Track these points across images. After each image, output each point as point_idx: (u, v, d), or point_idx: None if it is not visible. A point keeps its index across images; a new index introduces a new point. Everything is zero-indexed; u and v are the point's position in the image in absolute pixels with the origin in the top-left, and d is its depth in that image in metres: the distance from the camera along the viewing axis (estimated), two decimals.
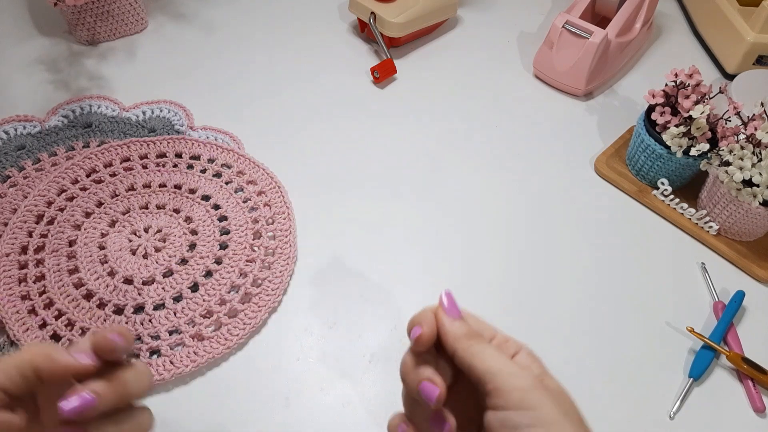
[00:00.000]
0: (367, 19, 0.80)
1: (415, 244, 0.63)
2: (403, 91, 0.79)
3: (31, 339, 0.52)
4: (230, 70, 0.79)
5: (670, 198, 0.66)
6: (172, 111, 0.73)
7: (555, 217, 0.66)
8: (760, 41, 0.77)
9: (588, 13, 0.80)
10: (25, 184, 0.63)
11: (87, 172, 0.65)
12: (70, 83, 0.76)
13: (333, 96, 0.77)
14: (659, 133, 0.64)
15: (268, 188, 0.65)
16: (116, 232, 0.60)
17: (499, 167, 0.71)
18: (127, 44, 0.82)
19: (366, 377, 0.53)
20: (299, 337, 0.56)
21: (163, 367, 0.52)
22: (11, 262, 0.57)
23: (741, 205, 0.59)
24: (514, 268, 0.62)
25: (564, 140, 0.74)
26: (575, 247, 0.64)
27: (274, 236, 0.62)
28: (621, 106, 0.79)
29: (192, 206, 0.63)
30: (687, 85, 0.62)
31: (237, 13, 0.88)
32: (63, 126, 0.70)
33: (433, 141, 0.73)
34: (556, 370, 0.55)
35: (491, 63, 0.84)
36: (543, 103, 0.79)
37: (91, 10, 0.78)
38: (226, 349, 0.53)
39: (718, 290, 0.61)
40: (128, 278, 0.57)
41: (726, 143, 0.60)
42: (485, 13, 0.92)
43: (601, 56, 0.76)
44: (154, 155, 0.67)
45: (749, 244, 0.63)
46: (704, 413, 0.53)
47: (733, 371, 0.55)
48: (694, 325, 0.57)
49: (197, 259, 0.59)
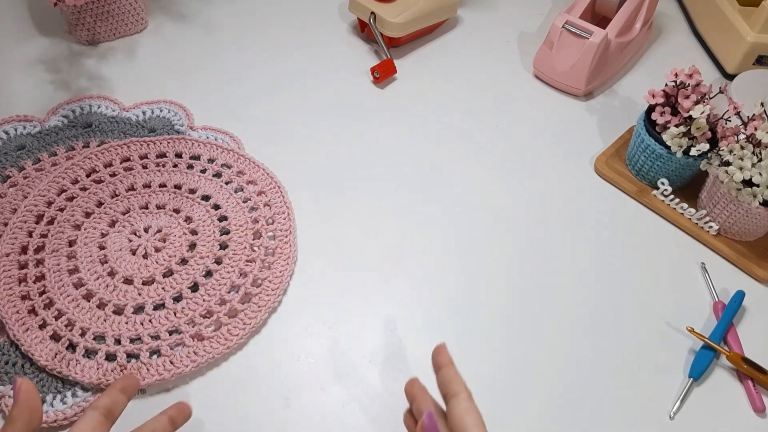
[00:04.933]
0: (367, 19, 0.80)
1: (416, 244, 0.63)
2: (403, 91, 0.79)
3: (32, 339, 0.52)
4: (230, 70, 0.79)
5: (670, 198, 0.66)
6: (172, 111, 0.73)
7: (555, 217, 0.66)
8: (760, 41, 0.77)
9: (588, 13, 0.80)
10: (25, 184, 0.63)
11: (87, 172, 0.65)
12: (70, 83, 0.76)
13: (333, 96, 0.77)
14: (659, 133, 0.64)
15: (268, 188, 0.65)
16: (116, 232, 0.60)
17: (499, 167, 0.71)
18: (127, 44, 0.82)
19: (366, 377, 0.53)
20: (299, 337, 0.56)
21: (163, 367, 0.52)
22: (11, 262, 0.57)
23: (741, 205, 0.59)
24: (514, 268, 0.62)
25: (564, 140, 0.74)
26: (575, 247, 0.64)
27: (274, 236, 0.62)
28: (621, 106, 0.79)
29: (192, 206, 0.63)
30: (687, 85, 0.62)
31: (237, 13, 0.88)
32: (63, 126, 0.70)
33: (433, 141, 0.73)
34: (556, 370, 0.55)
35: (491, 63, 0.84)
36: (543, 103, 0.79)
37: (91, 10, 0.78)
38: (226, 349, 0.53)
39: (718, 290, 0.61)
40: (128, 278, 0.57)
41: (726, 143, 0.60)
42: (485, 13, 0.92)
43: (601, 56, 0.76)
44: (154, 155, 0.67)
45: (749, 244, 0.63)
46: (704, 413, 0.53)
47: (733, 371, 0.55)
48: (694, 325, 0.57)
49: (197, 259, 0.59)
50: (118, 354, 0.52)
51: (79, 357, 0.52)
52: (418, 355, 0.55)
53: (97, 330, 0.53)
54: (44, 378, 0.51)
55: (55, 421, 0.48)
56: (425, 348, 0.55)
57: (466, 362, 0.55)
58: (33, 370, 0.51)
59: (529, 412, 0.52)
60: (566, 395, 0.53)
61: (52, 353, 0.52)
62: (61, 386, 0.51)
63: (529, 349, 0.56)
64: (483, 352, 0.56)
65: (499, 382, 0.54)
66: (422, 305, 0.59)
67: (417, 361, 0.54)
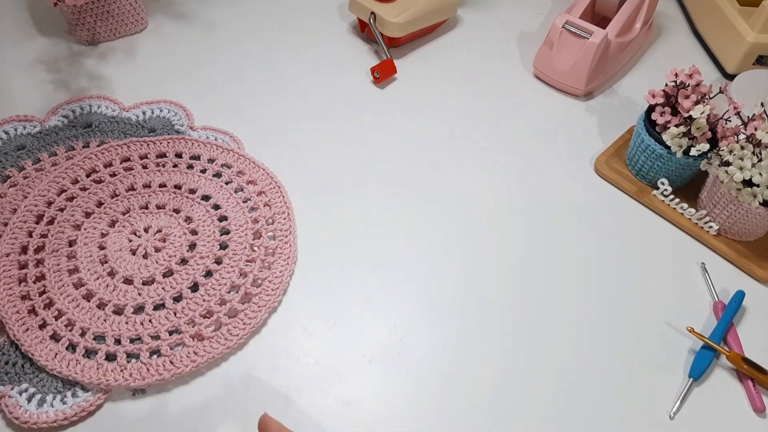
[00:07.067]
0: (367, 19, 0.80)
1: (415, 244, 0.63)
2: (403, 91, 0.79)
3: (32, 339, 0.52)
4: (230, 70, 0.79)
5: (670, 198, 0.66)
6: (172, 111, 0.73)
7: (555, 217, 0.66)
8: (760, 41, 0.77)
9: (588, 13, 0.80)
10: (25, 184, 0.63)
11: (87, 172, 0.65)
12: (70, 83, 0.76)
13: (333, 96, 0.77)
14: (659, 133, 0.64)
15: (268, 188, 0.65)
16: (116, 232, 0.60)
17: (499, 167, 0.71)
18: (127, 44, 0.82)
19: (366, 377, 0.53)
20: (299, 337, 0.56)
21: (163, 367, 0.52)
22: (11, 262, 0.57)
23: (741, 205, 0.59)
24: (514, 268, 0.62)
25: (564, 140, 0.74)
26: (575, 247, 0.64)
27: (274, 236, 0.62)
28: (621, 106, 0.79)
29: (192, 206, 0.63)
30: (687, 85, 0.62)
31: (237, 13, 0.88)
32: (63, 126, 0.70)
33: (433, 141, 0.73)
34: (556, 370, 0.55)
35: (491, 63, 0.84)
36: (543, 103, 0.79)
37: (91, 10, 0.78)
38: (226, 349, 0.53)
39: (718, 290, 0.61)
40: (128, 278, 0.57)
41: (726, 143, 0.60)
42: (485, 13, 0.92)
43: (601, 56, 0.76)
44: (154, 155, 0.67)
45: (749, 244, 0.63)
46: (704, 413, 0.53)
47: (733, 371, 0.55)
48: (694, 325, 0.57)
49: (197, 259, 0.59)
50: (118, 354, 0.52)
51: (79, 357, 0.52)
52: (418, 355, 0.55)
53: (97, 330, 0.53)
54: (44, 378, 0.51)
55: (55, 421, 0.48)
56: (425, 348, 0.56)
57: (466, 362, 0.55)
58: (33, 370, 0.51)
59: (530, 411, 0.52)
60: (566, 395, 0.53)
61: (52, 353, 0.52)
62: (61, 386, 0.51)
63: (529, 349, 0.56)
64: (483, 351, 0.56)
65: (499, 382, 0.54)
66: (422, 305, 0.59)
67: (417, 361, 0.54)
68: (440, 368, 0.54)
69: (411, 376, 0.54)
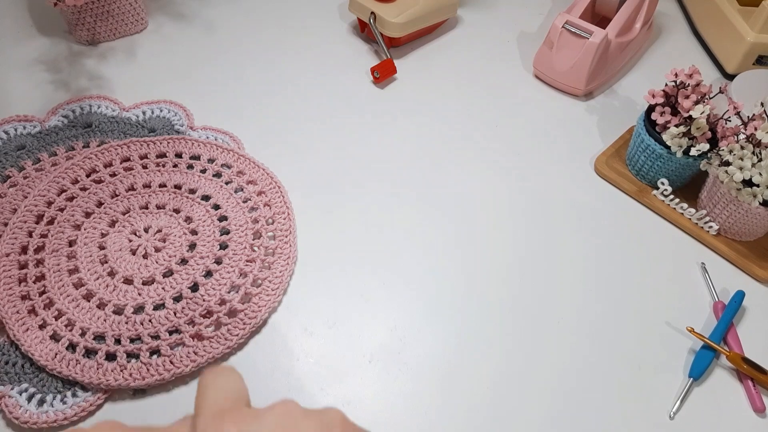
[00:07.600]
0: (367, 19, 0.80)
1: (415, 244, 0.63)
2: (403, 91, 0.79)
3: (32, 339, 0.52)
4: (230, 70, 0.79)
5: (670, 198, 0.66)
6: (172, 111, 0.73)
7: (555, 217, 0.66)
8: (760, 41, 0.77)
9: (588, 13, 0.80)
10: (25, 184, 0.63)
11: (87, 172, 0.65)
12: (70, 83, 0.76)
13: (333, 96, 0.77)
14: (659, 133, 0.64)
15: (268, 188, 0.65)
16: (116, 232, 0.60)
17: (499, 167, 0.71)
18: (127, 44, 0.82)
19: (366, 377, 0.53)
20: (299, 337, 0.56)
21: (163, 367, 0.52)
22: (11, 262, 0.57)
23: (741, 205, 0.59)
24: (514, 268, 0.62)
25: (564, 140, 0.74)
26: (575, 247, 0.64)
27: (274, 236, 0.62)
28: (621, 106, 0.79)
29: (192, 206, 0.63)
30: (687, 85, 0.62)
31: (237, 13, 0.88)
32: (63, 126, 0.70)
33: (433, 141, 0.73)
34: (556, 370, 0.55)
35: (491, 63, 0.84)
36: (543, 103, 0.79)
37: (91, 10, 0.78)
38: (226, 349, 0.53)
39: (718, 290, 0.61)
40: (128, 278, 0.57)
41: (726, 143, 0.60)
42: (485, 13, 0.92)
43: (601, 56, 0.76)
44: (154, 155, 0.67)
45: (749, 244, 0.63)
46: (704, 413, 0.53)
47: (733, 371, 0.55)
48: (694, 325, 0.57)
49: (197, 259, 0.59)
50: (118, 354, 0.52)
51: (79, 357, 0.52)
52: (418, 354, 0.55)
53: (97, 330, 0.53)
54: (44, 378, 0.51)
55: (55, 421, 0.48)
56: (425, 348, 0.56)
57: (466, 362, 0.55)
58: (33, 370, 0.51)
59: (530, 411, 0.52)
60: (566, 395, 0.53)
61: (52, 353, 0.52)
62: (61, 386, 0.51)
63: (529, 349, 0.56)
64: (483, 351, 0.56)
65: (499, 382, 0.54)
66: (422, 305, 0.59)
67: (417, 361, 0.54)
68: (440, 368, 0.54)
69: (411, 375, 0.54)
